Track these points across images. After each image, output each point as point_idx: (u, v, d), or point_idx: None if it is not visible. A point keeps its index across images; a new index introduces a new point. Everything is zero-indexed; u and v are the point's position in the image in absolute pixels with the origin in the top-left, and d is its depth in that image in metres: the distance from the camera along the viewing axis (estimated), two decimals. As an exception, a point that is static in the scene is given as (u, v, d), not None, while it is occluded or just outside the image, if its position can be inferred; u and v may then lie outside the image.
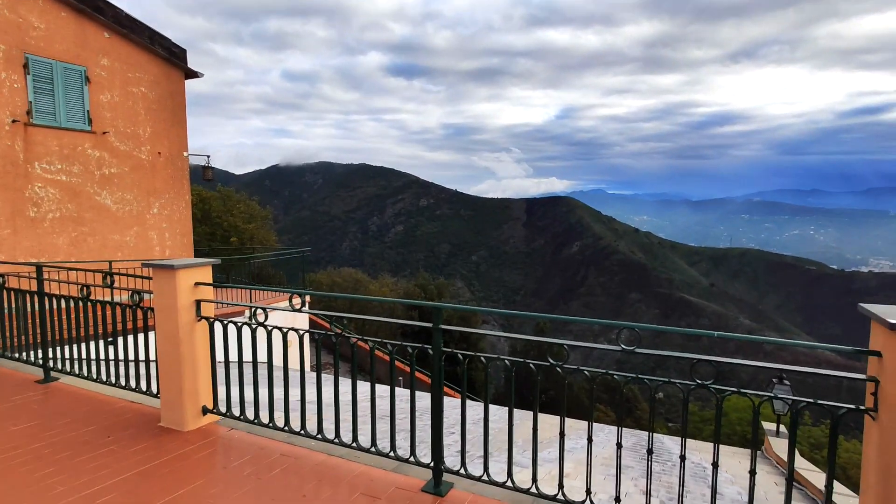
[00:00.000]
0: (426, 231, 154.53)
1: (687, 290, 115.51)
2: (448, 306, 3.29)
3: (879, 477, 2.34)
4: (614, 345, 2.77)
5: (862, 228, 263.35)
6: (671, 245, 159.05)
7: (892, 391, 2.26)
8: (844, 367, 55.43)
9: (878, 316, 2.33)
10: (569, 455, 5.05)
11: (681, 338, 77.87)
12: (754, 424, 2.80)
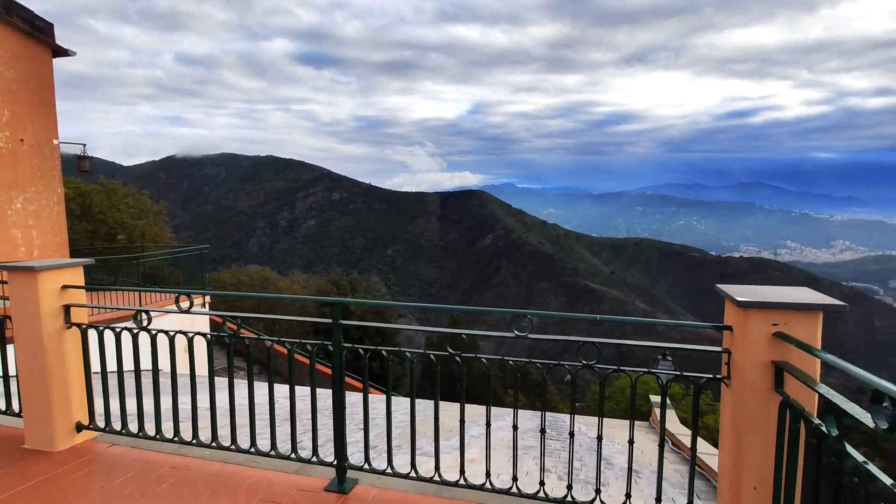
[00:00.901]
0: (340, 226, 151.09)
1: (590, 277, 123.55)
2: (349, 301, 3.26)
3: (732, 436, 2.67)
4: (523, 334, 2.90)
5: (734, 219, 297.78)
6: (576, 236, 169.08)
7: (741, 361, 2.59)
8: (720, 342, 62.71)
9: (728, 294, 2.65)
10: (475, 441, 5.22)
11: (586, 323, 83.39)
12: (632, 398, 3.07)
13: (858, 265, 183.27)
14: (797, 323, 2.46)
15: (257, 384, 3.36)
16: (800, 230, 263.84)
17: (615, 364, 3.01)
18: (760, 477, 2.53)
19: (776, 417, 2.44)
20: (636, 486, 4.37)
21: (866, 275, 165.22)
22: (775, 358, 2.48)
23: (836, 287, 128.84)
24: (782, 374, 2.43)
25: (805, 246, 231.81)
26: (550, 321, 75.44)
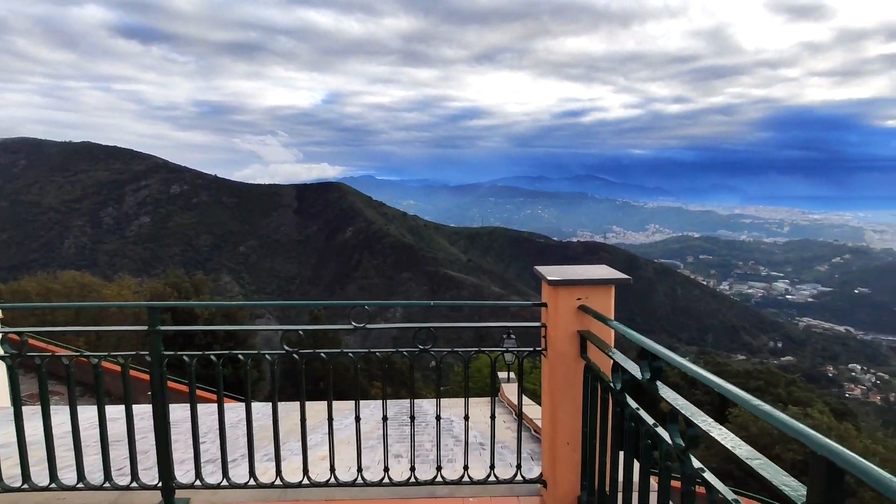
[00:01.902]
0: (181, 222, 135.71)
1: (449, 266, 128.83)
2: (163, 305, 2.96)
3: (549, 400, 3.02)
4: (361, 325, 2.89)
5: (572, 207, 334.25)
6: (435, 227, 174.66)
7: (554, 333, 2.92)
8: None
9: (542, 275, 2.97)
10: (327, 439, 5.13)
11: (447, 309, 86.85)
12: (466, 377, 3.29)
13: (665, 245, 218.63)
14: (596, 296, 2.85)
15: (81, 408, 2.89)
16: (622, 216, 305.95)
17: (475, 346, 3.23)
18: (572, 433, 2.90)
19: (582, 380, 2.81)
20: (480, 457, 4.70)
21: (671, 252, 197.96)
22: (580, 328, 2.84)
23: (649, 264, 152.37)
24: (586, 342, 2.80)
25: (627, 230, 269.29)
26: (416, 311, 77.18)
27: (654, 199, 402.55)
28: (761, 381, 27.33)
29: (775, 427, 1.22)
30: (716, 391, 1.52)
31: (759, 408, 1.29)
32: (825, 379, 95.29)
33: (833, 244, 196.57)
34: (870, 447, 13.35)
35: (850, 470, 1.00)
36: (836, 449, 0.99)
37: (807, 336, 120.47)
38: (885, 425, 28.23)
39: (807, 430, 1.13)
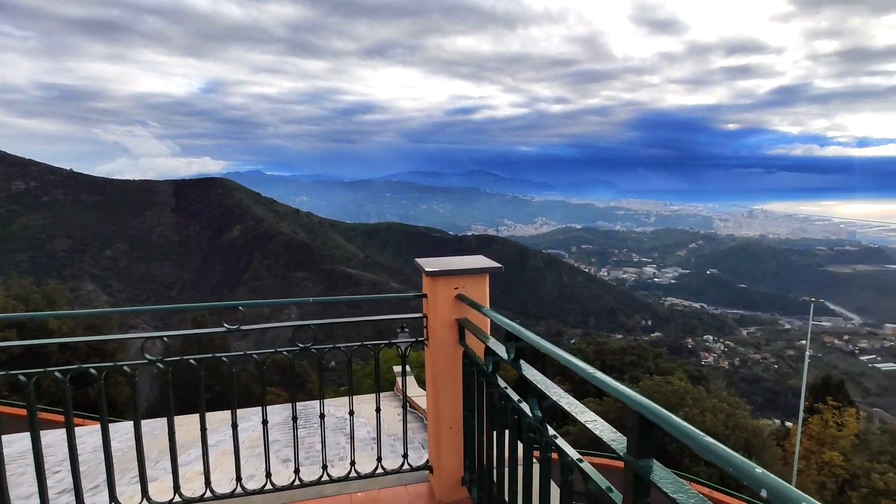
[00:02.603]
0: (29, 224, 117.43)
1: (347, 263, 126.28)
2: None
3: (432, 387, 3.11)
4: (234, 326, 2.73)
5: (466, 202, 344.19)
6: (330, 223, 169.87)
7: (434, 323, 3.01)
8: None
9: (421, 266, 3.04)
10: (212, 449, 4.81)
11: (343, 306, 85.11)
12: (349, 372, 3.27)
13: (552, 236, 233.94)
14: (472, 285, 2.98)
15: None
16: (513, 210, 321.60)
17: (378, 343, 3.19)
18: (454, 417, 3.02)
19: (461, 366, 2.94)
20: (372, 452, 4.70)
21: (556, 243, 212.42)
22: (458, 316, 2.96)
23: (538, 255, 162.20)
24: (464, 329, 2.93)
25: (517, 223, 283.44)
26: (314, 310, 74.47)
27: (540, 194, 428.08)
28: (634, 355, 30.52)
29: (605, 390, 1.38)
30: (568, 365, 1.69)
31: (593, 374, 1.46)
32: (686, 350, 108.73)
33: (689, 232, 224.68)
34: (717, 405, 15.60)
35: (657, 422, 1.17)
36: (647, 404, 1.16)
37: (671, 313, 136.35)
38: (729, 385, 33.18)
39: (624, 389, 1.28)
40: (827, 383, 20.09)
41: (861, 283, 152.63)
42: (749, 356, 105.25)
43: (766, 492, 0.93)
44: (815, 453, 16.13)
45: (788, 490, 0.91)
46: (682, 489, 1.13)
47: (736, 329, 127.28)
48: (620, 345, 38.76)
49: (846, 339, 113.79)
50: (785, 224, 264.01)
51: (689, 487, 1.14)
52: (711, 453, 1.04)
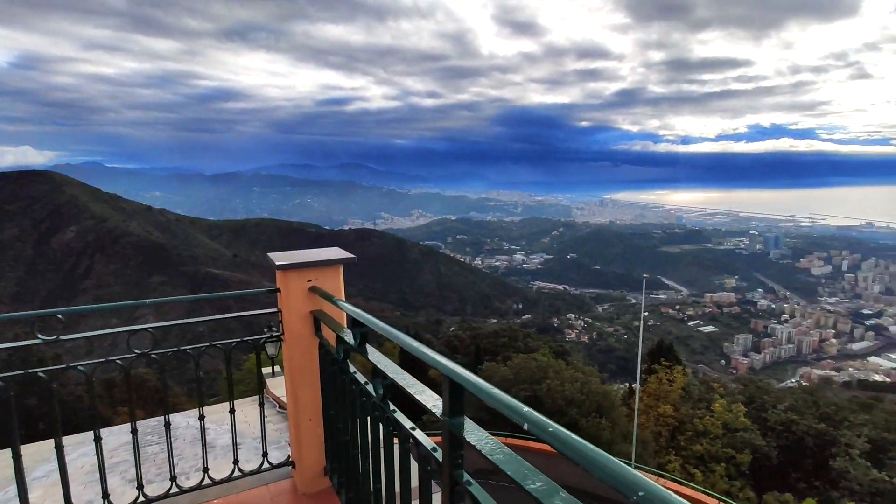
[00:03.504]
0: None
1: (212, 263, 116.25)
2: None
3: (290, 380, 3.08)
4: (52, 337, 2.42)
5: (342, 195, 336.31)
6: (190, 221, 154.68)
7: (288, 317, 2.98)
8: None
9: (272, 260, 2.99)
10: (38, 482, 4.23)
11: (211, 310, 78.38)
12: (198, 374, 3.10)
13: (428, 228, 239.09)
14: (325, 277, 3.00)
15: None
16: (389, 203, 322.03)
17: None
18: (313, 410, 3.03)
19: (318, 358, 2.95)
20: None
21: (433, 234, 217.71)
22: (313, 308, 2.97)
23: (416, 246, 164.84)
24: (319, 321, 2.94)
25: (394, 216, 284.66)
26: (169, 312, 67.23)
27: (416, 186, 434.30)
28: (506, 337, 32.68)
29: (424, 360, 1.53)
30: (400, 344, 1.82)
31: (417, 348, 1.60)
32: (552, 328, 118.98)
33: (552, 220, 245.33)
34: (574, 374, 17.46)
35: (465, 385, 1.34)
36: (455, 369, 1.34)
37: (539, 296, 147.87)
38: (588, 357, 37.23)
39: (438, 358, 1.44)
40: (661, 347, 23.52)
41: (687, 261, 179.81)
42: (604, 330, 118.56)
43: (528, 425, 1.13)
44: (652, 407, 18.84)
45: (544, 421, 1.12)
46: (484, 439, 1.29)
47: (593, 306, 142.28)
48: (494, 329, 41.14)
49: (677, 308, 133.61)
50: (629, 211, 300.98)
51: (490, 438, 1.32)
52: (495, 400, 1.22)
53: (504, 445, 1.27)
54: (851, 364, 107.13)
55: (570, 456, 1.02)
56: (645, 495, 0.83)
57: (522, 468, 1.16)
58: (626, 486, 0.88)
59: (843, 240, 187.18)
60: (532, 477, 1.13)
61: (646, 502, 0.82)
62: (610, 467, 0.94)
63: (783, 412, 19.22)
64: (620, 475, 0.90)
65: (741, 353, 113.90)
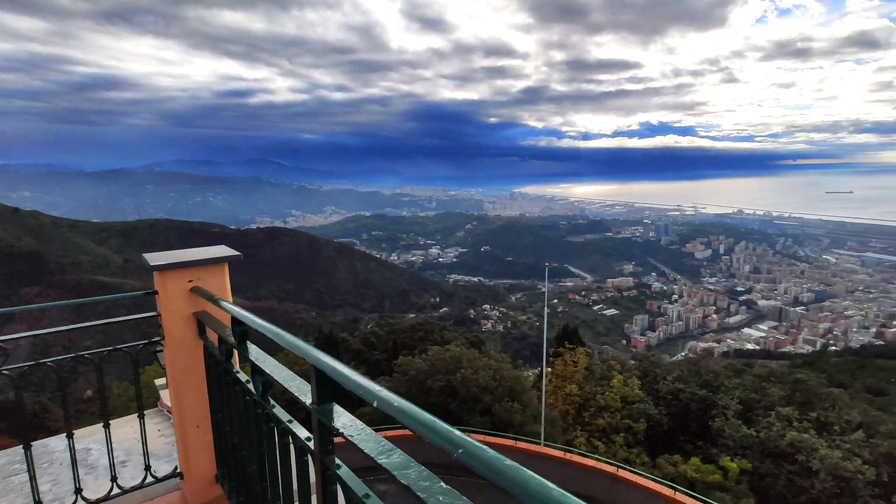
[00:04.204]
0: None
1: (100, 270, 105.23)
2: None
3: (174, 386, 2.92)
4: None
5: (248, 193, 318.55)
6: (70, 224, 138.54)
7: (168, 320, 2.82)
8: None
9: (146, 261, 2.81)
10: None
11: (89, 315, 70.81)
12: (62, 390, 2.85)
13: (342, 224, 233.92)
14: (209, 276, 2.88)
15: None
16: (300, 200, 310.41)
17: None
18: (201, 416, 2.90)
19: (203, 361, 2.83)
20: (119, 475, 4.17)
21: (347, 231, 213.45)
22: (196, 310, 2.83)
23: (330, 244, 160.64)
24: (203, 323, 2.82)
25: (306, 213, 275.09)
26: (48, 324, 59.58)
27: (328, 183, 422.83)
28: (422, 331, 32.97)
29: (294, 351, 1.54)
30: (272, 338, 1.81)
31: (290, 340, 1.61)
32: (469, 320, 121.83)
33: (465, 214, 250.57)
34: (487, 362, 18.13)
35: (328, 372, 1.38)
36: (321, 358, 1.38)
37: (455, 289, 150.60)
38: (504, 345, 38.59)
39: (306, 348, 1.46)
40: (566, 331, 25.05)
41: (590, 249, 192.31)
42: (518, 318, 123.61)
43: (377, 402, 1.13)
44: (560, 388, 20.05)
45: (390, 397, 1.12)
46: (349, 424, 1.34)
47: (507, 296, 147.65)
48: (411, 323, 41.32)
49: (583, 294, 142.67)
50: (537, 204, 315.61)
51: (357, 422, 1.37)
52: (354, 384, 1.27)
53: (367, 428, 1.33)
54: (729, 336, 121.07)
55: (406, 423, 1.10)
56: (464, 451, 0.96)
57: (380, 445, 1.23)
58: (450, 443, 1.00)
59: (720, 226, 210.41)
60: (388, 453, 1.19)
61: (464, 456, 0.95)
62: (436, 429, 1.05)
63: (672, 383, 21.30)
64: (444, 435, 1.03)
65: (639, 333, 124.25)
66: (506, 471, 0.88)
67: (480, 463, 0.94)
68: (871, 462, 16.15)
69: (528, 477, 0.86)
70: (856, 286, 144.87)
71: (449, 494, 1.05)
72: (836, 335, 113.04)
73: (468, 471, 0.92)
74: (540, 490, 0.83)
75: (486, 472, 0.90)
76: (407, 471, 1.12)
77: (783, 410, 18.65)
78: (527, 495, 0.83)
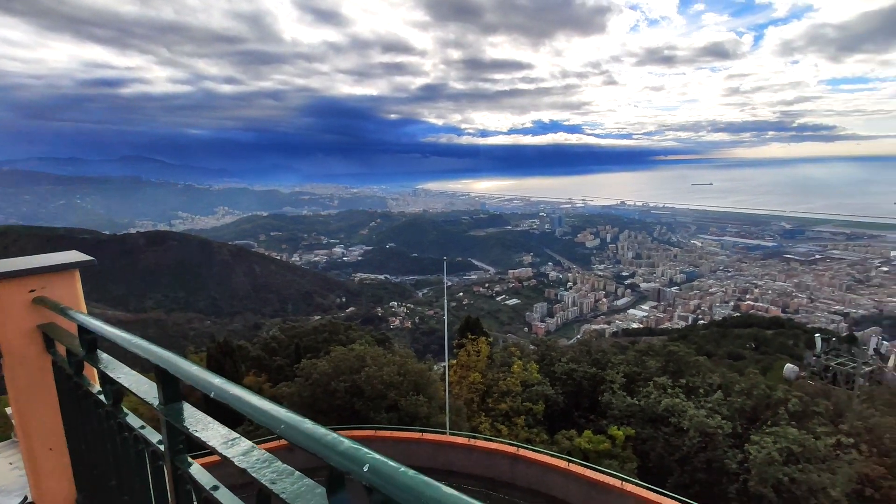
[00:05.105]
0: None
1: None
2: None
3: (17, 407, 2.64)
4: None
5: (125, 194, 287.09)
6: None
7: (5, 335, 2.54)
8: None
9: (-24, 272, 2.51)
10: None
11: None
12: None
13: (237, 226, 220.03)
14: (56, 285, 2.63)
15: None
16: (187, 200, 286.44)
17: None
18: (54, 437, 2.65)
19: (53, 378, 2.59)
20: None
21: (243, 233, 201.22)
22: (41, 322, 2.58)
23: (224, 247, 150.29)
24: (51, 336, 2.57)
25: (195, 215, 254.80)
26: None
27: (219, 181, 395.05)
28: (327, 332, 32.20)
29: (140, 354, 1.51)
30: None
31: (137, 343, 1.57)
32: (377, 318, 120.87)
33: (369, 212, 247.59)
34: (392, 359, 18.24)
35: (171, 371, 1.39)
36: (164, 357, 1.38)
37: (361, 288, 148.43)
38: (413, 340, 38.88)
39: (152, 348, 1.44)
40: (469, 322, 25.86)
41: (491, 242, 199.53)
42: (425, 313, 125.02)
43: (214, 392, 1.16)
44: (464, 378, 20.72)
45: (227, 386, 1.15)
46: (197, 423, 1.34)
47: (414, 293, 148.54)
48: (315, 325, 40.14)
49: (486, 286, 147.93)
50: (440, 200, 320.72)
51: (210, 420, 1.37)
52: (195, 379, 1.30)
53: (215, 423, 1.34)
54: (617, 317, 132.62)
55: (240, 408, 1.16)
56: (286, 426, 1.04)
57: (225, 437, 1.26)
58: (271, 421, 1.09)
59: (606, 217, 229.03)
60: (232, 442, 1.23)
61: (286, 431, 1.03)
62: (260, 408, 1.13)
63: (566, 364, 22.92)
64: (267, 413, 1.11)
65: (539, 320, 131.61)
66: (321, 438, 0.98)
67: (302, 435, 1.01)
68: (728, 417, 18.69)
69: (338, 440, 0.95)
70: (717, 266, 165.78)
71: (284, 472, 1.08)
72: (704, 310, 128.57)
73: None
74: (333, 443, 0.95)
75: (306, 444, 0.99)
76: (246, 456, 1.17)
77: (659, 380, 20.88)
78: (338, 454, 0.93)
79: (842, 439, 17.11)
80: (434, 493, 0.79)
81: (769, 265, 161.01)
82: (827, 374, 40.48)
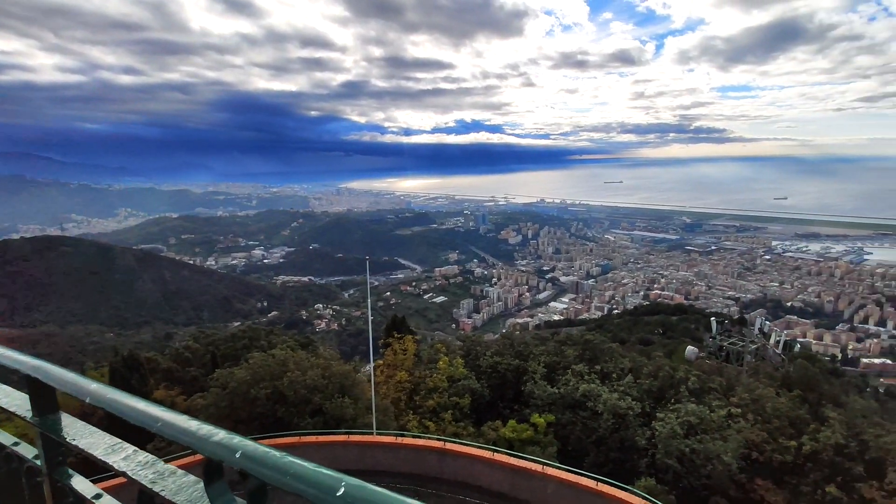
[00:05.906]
0: None
1: None
2: None
3: None
4: None
5: (4, 195, 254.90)
6: None
7: None
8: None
9: None
10: None
11: None
12: None
13: (142, 229, 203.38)
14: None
15: None
16: (82, 202, 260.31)
17: None
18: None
19: None
20: None
21: (150, 236, 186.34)
22: None
23: (128, 251, 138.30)
24: None
25: (92, 217, 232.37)
26: None
27: (120, 181, 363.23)
28: (246, 338, 30.71)
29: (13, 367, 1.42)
30: None
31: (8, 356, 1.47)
32: (302, 322, 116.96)
33: (290, 212, 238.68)
34: (316, 362, 17.85)
35: (43, 379, 1.34)
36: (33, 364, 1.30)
37: (284, 291, 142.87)
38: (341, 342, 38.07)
39: (24, 359, 1.36)
40: (395, 321, 25.84)
41: (417, 241, 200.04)
42: (352, 315, 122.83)
43: (89, 398, 1.13)
44: (391, 377, 20.70)
45: (106, 390, 1.13)
46: (77, 432, 1.29)
47: (339, 294, 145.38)
48: (233, 332, 38.16)
49: (413, 284, 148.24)
50: (364, 199, 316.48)
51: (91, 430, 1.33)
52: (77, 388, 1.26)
53: (99, 431, 1.31)
54: (540, 310, 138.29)
55: (119, 411, 1.16)
56: (162, 425, 1.08)
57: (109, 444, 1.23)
58: (148, 420, 1.12)
59: (528, 214, 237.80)
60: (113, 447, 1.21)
61: (163, 428, 1.07)
62: (136, 408, 1.16)
63: (490, 357, 23.61)
64: (143, 413, 1.15)
65: (466, 316, 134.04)
66: (195, 431, 1.03)
67: (178, 431, 1.05)
68: (638, 399, 20.20)
69: (213, 432, 1.02)
70: (629, 259, 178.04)
71: (166, 472, 1.09)
72: (618, 300, 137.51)
73: None
74: (207, 435, 1.02)
75: (182, 439, 1.05)
76: (126, 461, 1.16)
77: (577, 367, 22.12)
78: (212, 445, 0.99)
79: (732, 410, 19.12)
80: (302, 471, 0.84)
81: (673, 256, 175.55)
82: (721, 354, 44.91)
